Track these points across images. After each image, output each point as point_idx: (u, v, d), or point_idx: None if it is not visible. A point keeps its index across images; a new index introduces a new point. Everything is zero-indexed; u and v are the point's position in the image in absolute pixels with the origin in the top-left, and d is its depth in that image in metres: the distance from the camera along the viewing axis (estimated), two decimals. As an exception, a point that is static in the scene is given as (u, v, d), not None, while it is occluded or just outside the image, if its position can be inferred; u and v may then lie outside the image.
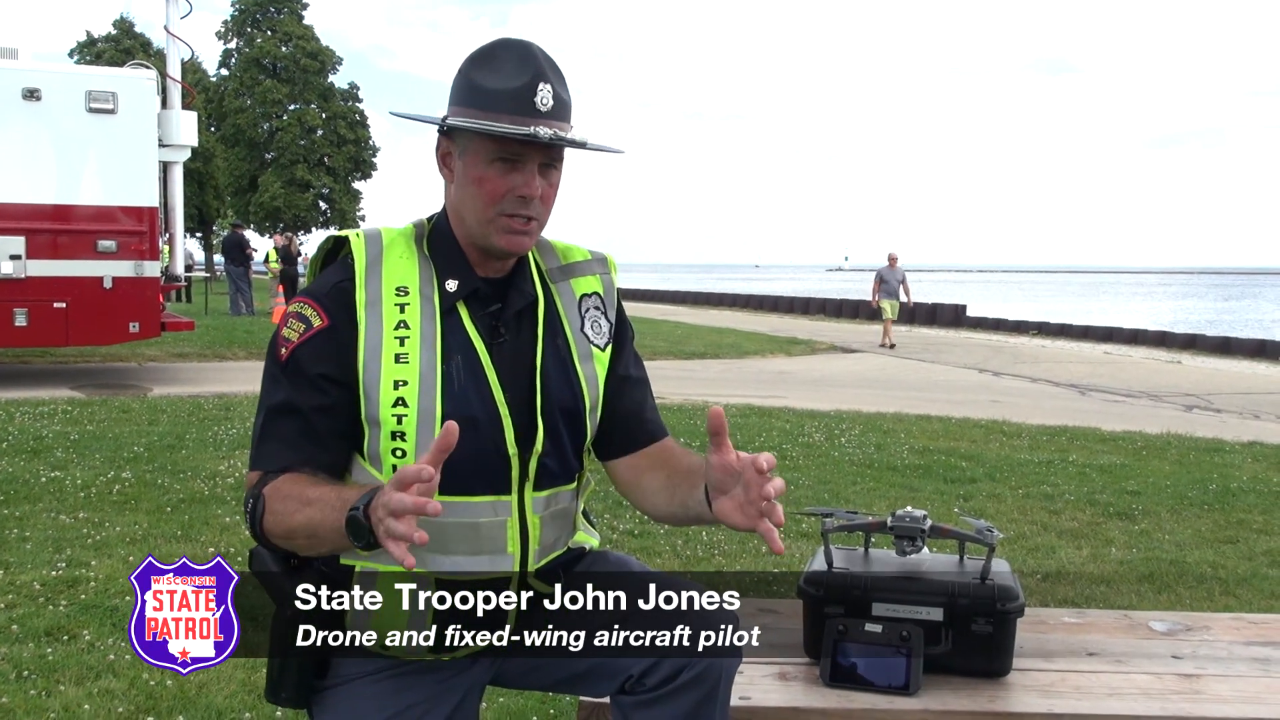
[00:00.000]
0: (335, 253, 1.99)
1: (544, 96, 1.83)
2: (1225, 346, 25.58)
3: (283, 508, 1.79)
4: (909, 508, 2.46)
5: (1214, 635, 2.64)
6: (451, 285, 1.91)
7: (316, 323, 1.87)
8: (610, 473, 2.14)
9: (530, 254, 2.01)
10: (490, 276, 1.95)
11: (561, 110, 1.86)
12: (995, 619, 2.27)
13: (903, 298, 23.30)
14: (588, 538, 2.13)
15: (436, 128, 1.92)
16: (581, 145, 1.88)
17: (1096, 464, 8.57)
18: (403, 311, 1.87)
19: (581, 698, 2.14)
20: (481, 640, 1.94)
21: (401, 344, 1.85)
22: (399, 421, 1.83)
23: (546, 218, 1.92)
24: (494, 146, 1.83)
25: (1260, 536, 6.34)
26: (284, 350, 1.88)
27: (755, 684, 2.25)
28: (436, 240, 1.95)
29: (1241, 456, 9.31)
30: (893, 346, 22.80)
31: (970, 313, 34.93)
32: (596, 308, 2.06)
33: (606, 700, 1.99)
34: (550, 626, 1.99)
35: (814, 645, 2.35)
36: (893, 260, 23.43)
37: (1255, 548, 6.05)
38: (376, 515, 1.61)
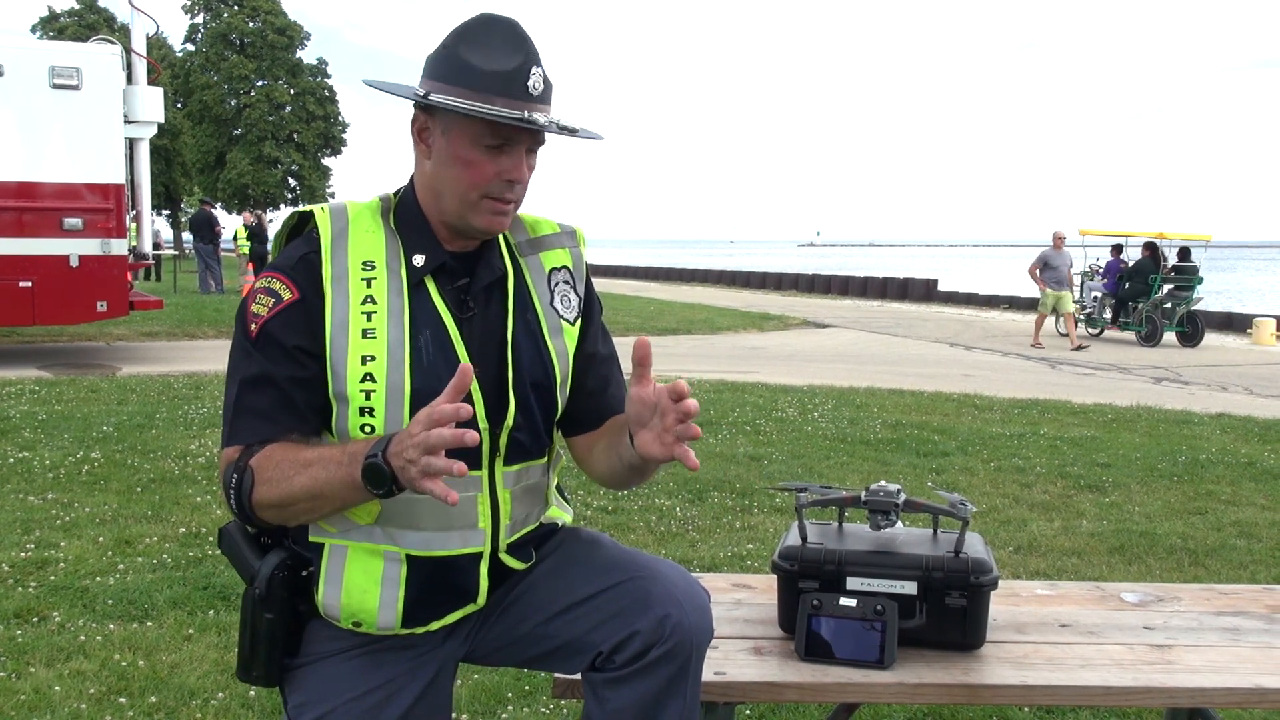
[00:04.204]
0: (300, 228, 1.96)
1: (536, 81, 1.81)
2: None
3: (277, 475, 1.75)
4: (883, 482, 2.46)
5: (1185, 606, 2.66)
6: (418, 260, 1.88)
7: (286, 296, 1.83)
8: (571, 448, 2.16)
9: None
10: (458, 251, 1.93)
11: (548, 94, 1.85)
12: (969, 592, 2.28)
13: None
14: (560, 513, 2.13)
15: (411, 101, 1.89)
16: (572, 133, 1.86)
17: (1067, 437, 8.63)
18: (369, 286, 1.84)
19: (556, 675, 2.13)
20: (452, 616, 1.94)
21: (368, 319, 1.82)
22: (367, 397, 1.81)
23: (522, 200, 1.91)
24: (485, 130, 1.81)
25: (1228, 507, 6.41)
26: (254, 325, 1.84)
27: (730, 659, 2.24)
28: (403, 214, 1.93)
29: (1210, 428, 9.40)
30: (1080, 348, 17.97)
31: (941, 287, 35.09)
32: (566, 281, 2.04)
33: (579, 676, 1.99)
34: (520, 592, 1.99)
35: (789, 620, 2.35)
36: (1059, 240, 18.64)
37: (1224, 519, 6.12)
38: (405, 456, 1.59)
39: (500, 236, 1.99)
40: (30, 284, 12.11)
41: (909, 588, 2.30)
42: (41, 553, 4.92)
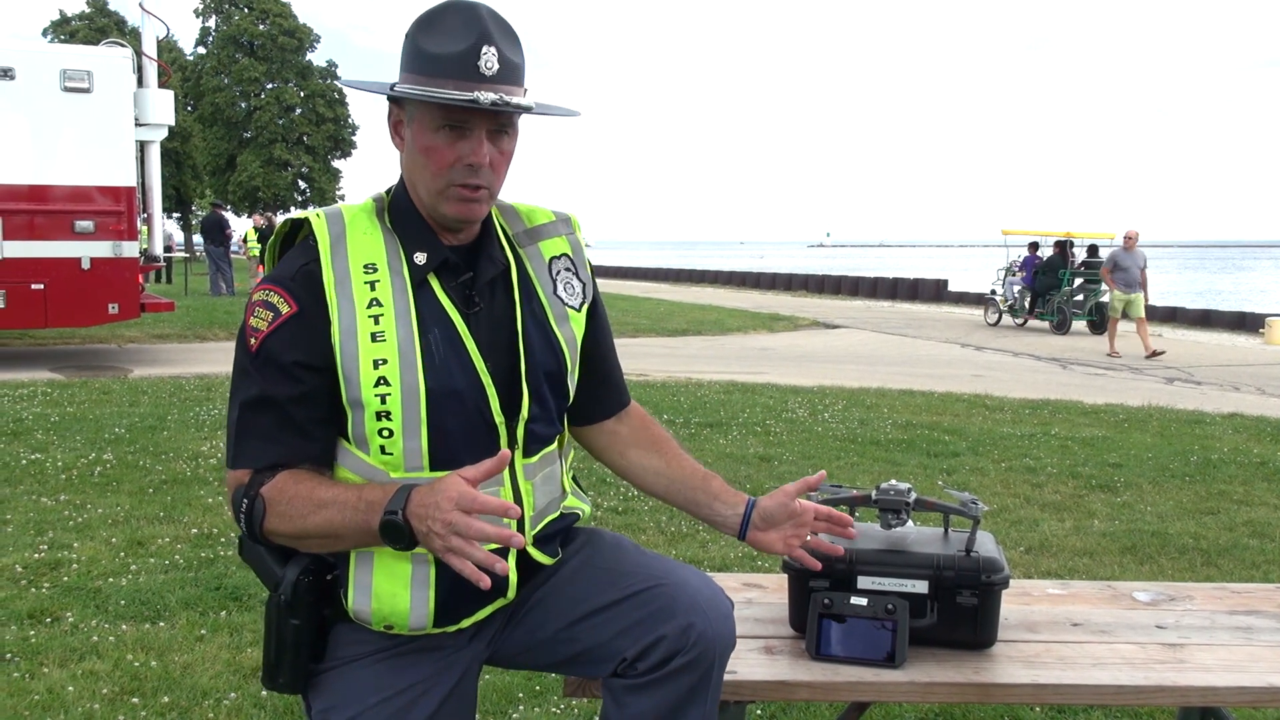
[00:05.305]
0: (293, 236, 1.95)
1: (489, 60, 1.76)
2: (1205, 319, 25.75)
3: (291, 510, 1.76)
4: (893, 481, 2.46)
5: (1197, 605, 2.65)
6: (420, 258, 1.87)
7: (285, 309, 1.81)
8: (580, 436, 2.18)
9: (495, 219, 1.99)
10: (457, 245, 1.91)
11: (510, 74, 1.80)
12: (980, 591, 2.27)
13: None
14: (578, 502, 2.12)
15: (387, 97, 1.87)
16: (527, 110, 1.82)
17: (1078, 437, 8.61)
18: (373, 289, 1.83)
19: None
20: (482, 611, 1.94)
21: (376, 322, 1.81)
22: (383, 401, 1.79)
23: (499, 186, 1.88)
24: (439, 114, 1.78)
25: (1240, 507, 6.38)
26: (253, 340, 1.82)
27: (741, 658, 2.24)
28: (397, 212, 1.91)
29: (1222, 428, 9.37)
30: (1155, 354, 16.69)
31: (952, 288, 35.03)
32: (567, 269, 2.04)
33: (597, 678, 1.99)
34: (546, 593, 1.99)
35: (800, 619, 2.35)
36: (1130, 240, 17.38)
37: (1236, 518, 6.10)
38: (431, 527, 1.62)
39: (498, 228, 1.98)
40: (42, 286, 12.17)
41: (920, 587, 2.29)
42: (54, 554, 4.94)
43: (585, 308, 2.06)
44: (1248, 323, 24.39)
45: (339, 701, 1.87)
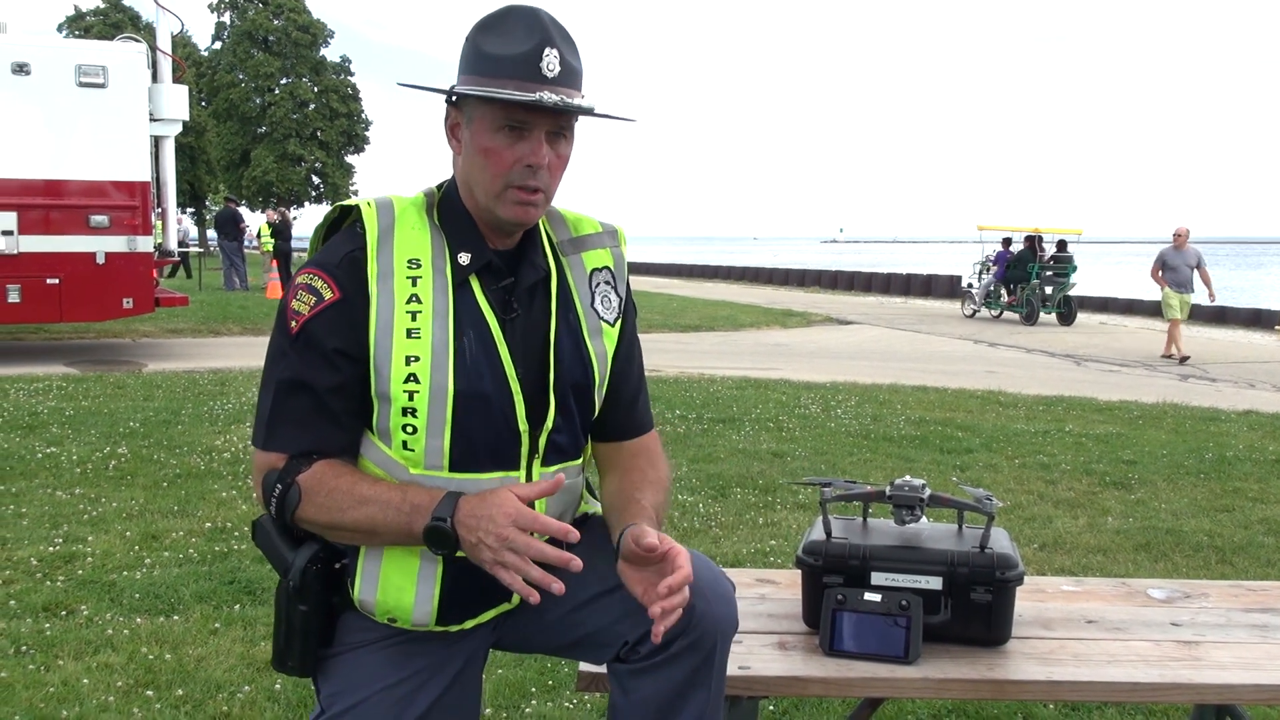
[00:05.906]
0: (340, 222, 1.95)
1: (550, 62, 1.78)
2: (1220, 316, 25.63)
3: (329, 502, 1.77)
4: (907, 477, 2.45)
5: (1212, 602, 2.64)
6: (464, 258, 1.86)
7: (328, 295, 1.81)
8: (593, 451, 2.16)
9: (541, 225, 1.98)
10: (502, 249, 1.91)
11: (570, 77, 1.81)
12: (994, 587, 2.27)
13: (1199, 291, 16.56)
14: (589, 508, 2.12)
15: (445, 99, 1.88)
16: (589, 111, 1.83)
17: (1093, 433, 8.58)
18: (415, 285, 1.83)
19: (580, 668, 2.13)
20: (485, 614, 1.95)
21: (413, 318, 1.81)
22: (410, 398, 1.80)
23: (554, 189, 1.89)
24: (500, 114, 1.79)
25: (1256, 505, 6.36)
26: (294, 323, 1.82)
27: (755, 654, 2.24)
28: (447, 210, 1.91)
29: (1237, 425, 9.33)
30: (1184, 359, 15.82)
31: (965, 283, 34.91)
32: (607, 282, 2.03)
33: (604, 670, 1.99)
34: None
35: (813, 615, 2.34)
36: (1180, 238, 16.36)
37: (1251, 516, 6.07)
38: (483, 540, 1.65)
39: (543, 234, 1.98)
40: (57, 281, 12.21)
41: (934, 583, 2.29)
42: (69, 547, 4.97)
43: (619, 323, 2.04)
44: (1263, 319, 24.28)
45: (346, 686, 1.89)
